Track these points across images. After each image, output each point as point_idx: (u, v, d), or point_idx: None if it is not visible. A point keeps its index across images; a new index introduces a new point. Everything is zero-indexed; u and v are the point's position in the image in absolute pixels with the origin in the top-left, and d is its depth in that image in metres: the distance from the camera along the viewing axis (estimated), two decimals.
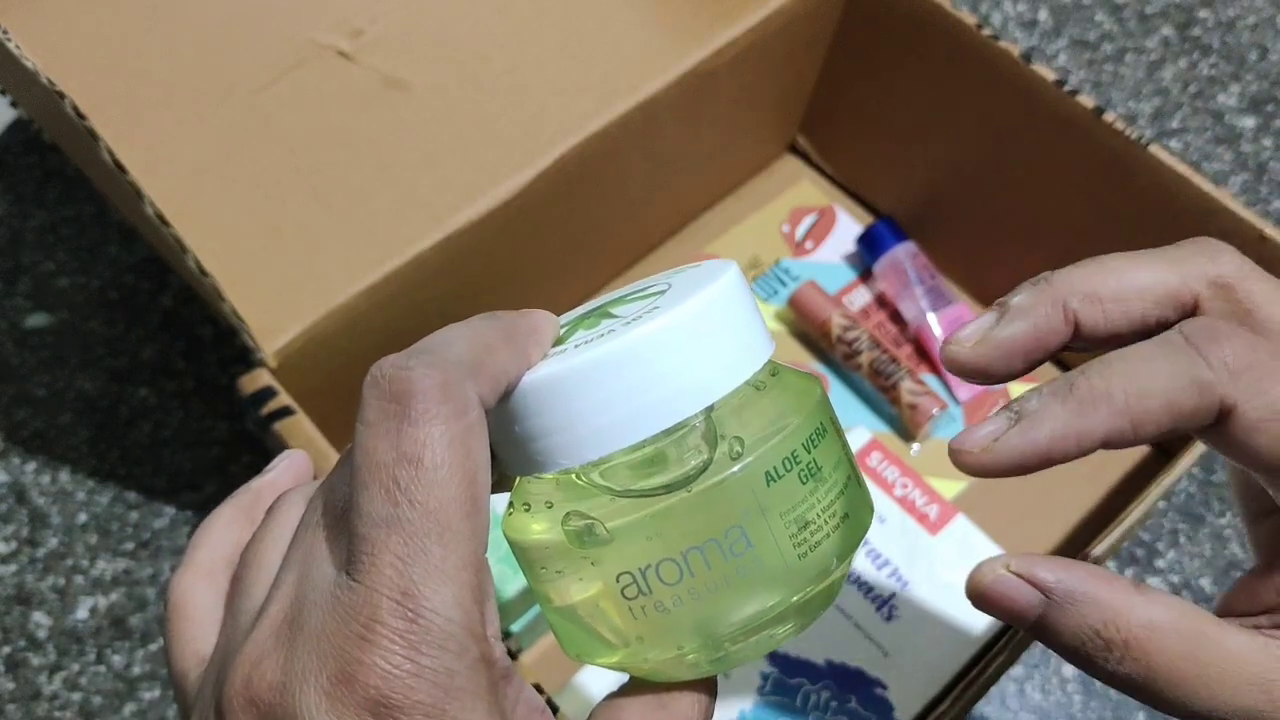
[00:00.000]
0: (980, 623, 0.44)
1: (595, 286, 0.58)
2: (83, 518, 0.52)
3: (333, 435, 0.39)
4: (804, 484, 0.22)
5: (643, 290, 0.24)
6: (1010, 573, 0.24)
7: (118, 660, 0.48)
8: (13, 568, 0.50)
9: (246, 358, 0.41)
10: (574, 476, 0.22)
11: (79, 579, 0.50)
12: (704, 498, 0.21)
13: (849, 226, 0.61)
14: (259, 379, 0.40)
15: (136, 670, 0.48)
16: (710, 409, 0.22)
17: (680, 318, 0.21)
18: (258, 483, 0.26)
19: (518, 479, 0.23)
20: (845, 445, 0.24)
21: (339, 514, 0.20)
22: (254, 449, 0.54)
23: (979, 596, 0.25)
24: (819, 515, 0.22)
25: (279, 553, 0.21)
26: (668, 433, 0.21)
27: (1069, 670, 0.49)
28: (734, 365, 0.22)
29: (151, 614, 0.49)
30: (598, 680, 0.42)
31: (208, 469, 0.53)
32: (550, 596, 0.23)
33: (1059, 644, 0.24)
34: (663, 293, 0.23)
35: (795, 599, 0.22)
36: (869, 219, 0.61)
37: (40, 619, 0.49)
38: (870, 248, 0.58)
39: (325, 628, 0.18)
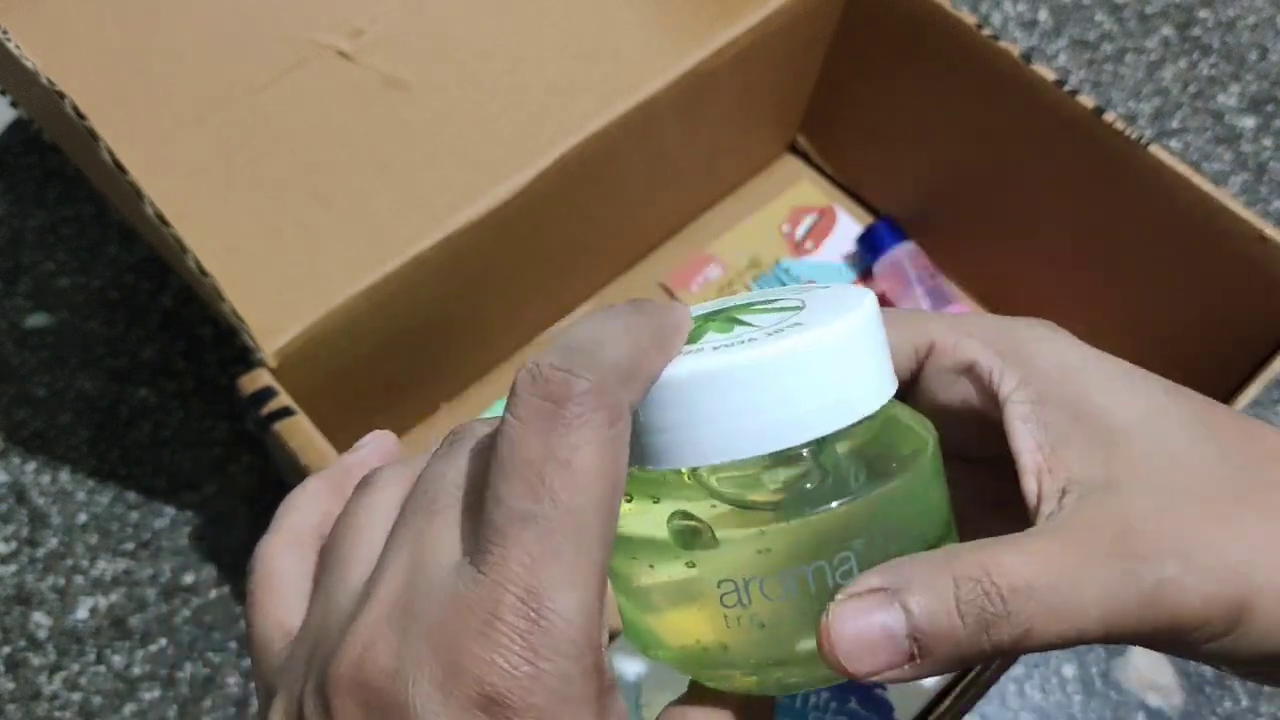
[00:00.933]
0: None
1: (595, 286, 0.57)
2: (83, 518, 0.52)
3: (332, 435, 0.39)
4: (912, 521, 0.22)
5: (774, 302, 0.24)
6: (850, 598, 0.21)
7: (118, 660, 0.48)
8: (13, 568, 0.50)
9: (246, 358, 0.41)
10: (685, 476, 0.22)
11: (79, 579, 0.50)
12: (820, 521, 0.21)
13: (849, 226, 0.61)
14: (259, 379, 0.40)
15: (136, 670, 0.48)
16: (838, 433, 0.22)
17: (828, 338, 0.21)
18: (348, 459, 0.25)
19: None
20: (946, 490, 0.24)
21: (464, 501, 0.20)
22: (254, 449, 0.54)
23: (840, 652, 0.20)
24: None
25: (379, 531, 0.21)
26: (793, 450, 0.21)
27: (1069, 670, 0.49)
28: (868, 394, 0.22)
29: (151, 614, 0.49)
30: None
31: (208, 469, 0.53)
32: (634, 586, 0.23)
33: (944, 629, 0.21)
34: (798, 309, 0.23)
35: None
36: (869, 219, 0.61)
37: (40, 619, 0.49)
38: (870, 248, 0.58)
39: (443, 617, 0.18)
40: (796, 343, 0.21)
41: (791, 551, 0.21)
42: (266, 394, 0.40)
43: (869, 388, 0.22)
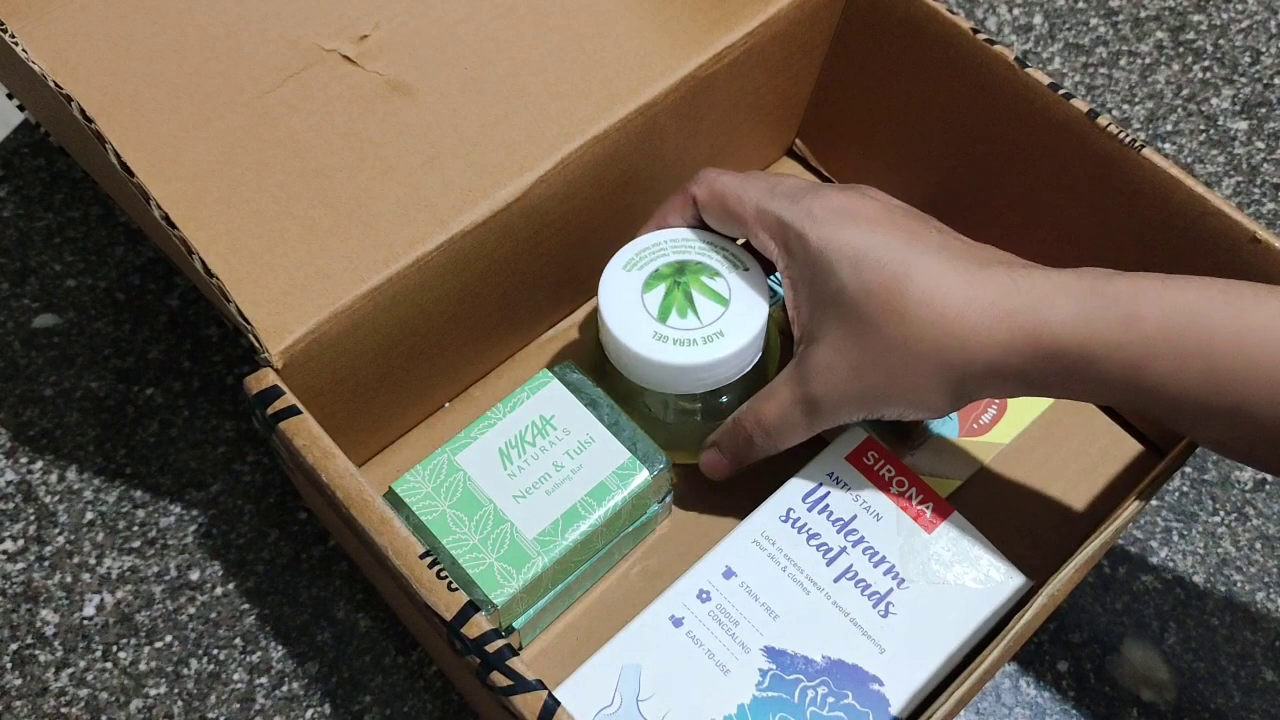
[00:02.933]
0: (975, 619, 0.44)
1: (596, 287, 0.58)
2: (90, 516, 0.52)
3: (337, 434, 0.40)
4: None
5: (713, 281, 0.47)
6: (705, 449, 0.48)
7: (124, 657, 0.49)
8: (20, 565, 0.51)
9: (252, 358, 0.41)
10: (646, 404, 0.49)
11: (86, 576, 0.51)
12: (698, 426, 0.49)
13: None
14: (264, 379, 0.41)
15: (143, 666, 0.49)
16: (716, 390, 0.47)
17: (726, 356, 0.45)
18: None
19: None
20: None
21: None
22: (260, 448, 0.54)
23: (705, 469, 0.49)
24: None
25: None
26: (693, 394, 0.48)
27: (1064, 666, 0.50)
28: (736, 372, 0.47)
29: (158, 611, 0.50)
30: (598, 674, 0.43)
31: (214, 468, 0.54)
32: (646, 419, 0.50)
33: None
34: (726, 304, 0.46)
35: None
36: None
37: (48, 616, 0.50)
38: None
39: None
40: (711, 354, 0.45)
41: (681, 439, 0.50)
42: (272, 394, 0.40)
43: (739, 369, 0.47)
